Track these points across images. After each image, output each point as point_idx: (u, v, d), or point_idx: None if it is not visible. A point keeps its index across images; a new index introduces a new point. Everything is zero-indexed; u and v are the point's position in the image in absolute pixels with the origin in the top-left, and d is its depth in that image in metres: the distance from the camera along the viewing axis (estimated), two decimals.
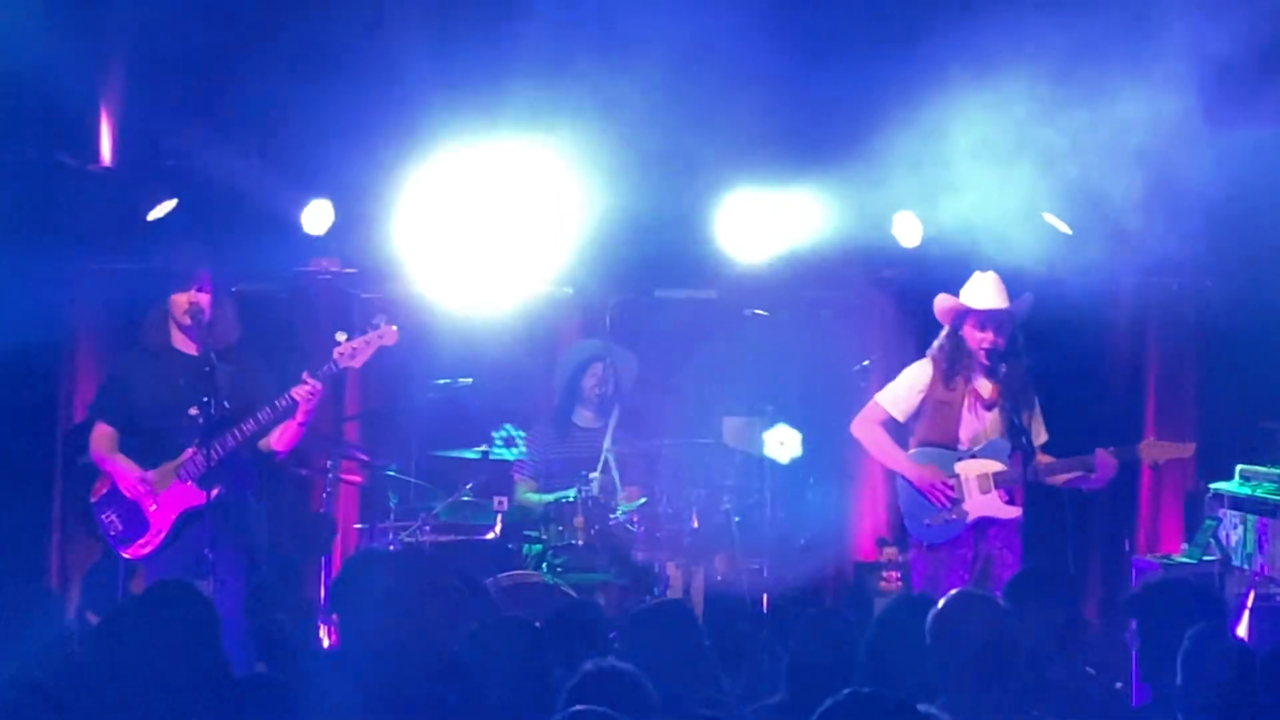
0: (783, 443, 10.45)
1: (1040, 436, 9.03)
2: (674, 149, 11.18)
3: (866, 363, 9.74)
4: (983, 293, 8.97)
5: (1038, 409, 9.05)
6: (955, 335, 8.98)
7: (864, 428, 9.12)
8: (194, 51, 10.61)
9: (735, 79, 11.07)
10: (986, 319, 8.90)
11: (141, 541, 8.18)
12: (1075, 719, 5.36)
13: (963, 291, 9.05)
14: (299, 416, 8.13)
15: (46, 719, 4.77)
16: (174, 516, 8.12)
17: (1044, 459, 8.94)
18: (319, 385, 8.07)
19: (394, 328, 8.33)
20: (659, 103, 11.10)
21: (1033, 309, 9.09)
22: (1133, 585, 9.93)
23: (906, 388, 9.09)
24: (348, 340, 8.23)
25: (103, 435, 8.36)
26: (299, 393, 8.02)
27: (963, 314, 8.95)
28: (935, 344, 9.08)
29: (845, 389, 11.04)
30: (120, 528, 8.22)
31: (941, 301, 9.05)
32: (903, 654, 5.24)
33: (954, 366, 8.94)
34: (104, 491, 8.29)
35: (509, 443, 10.07)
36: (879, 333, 11.51)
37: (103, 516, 8.27)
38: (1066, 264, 11.05)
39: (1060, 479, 8.96)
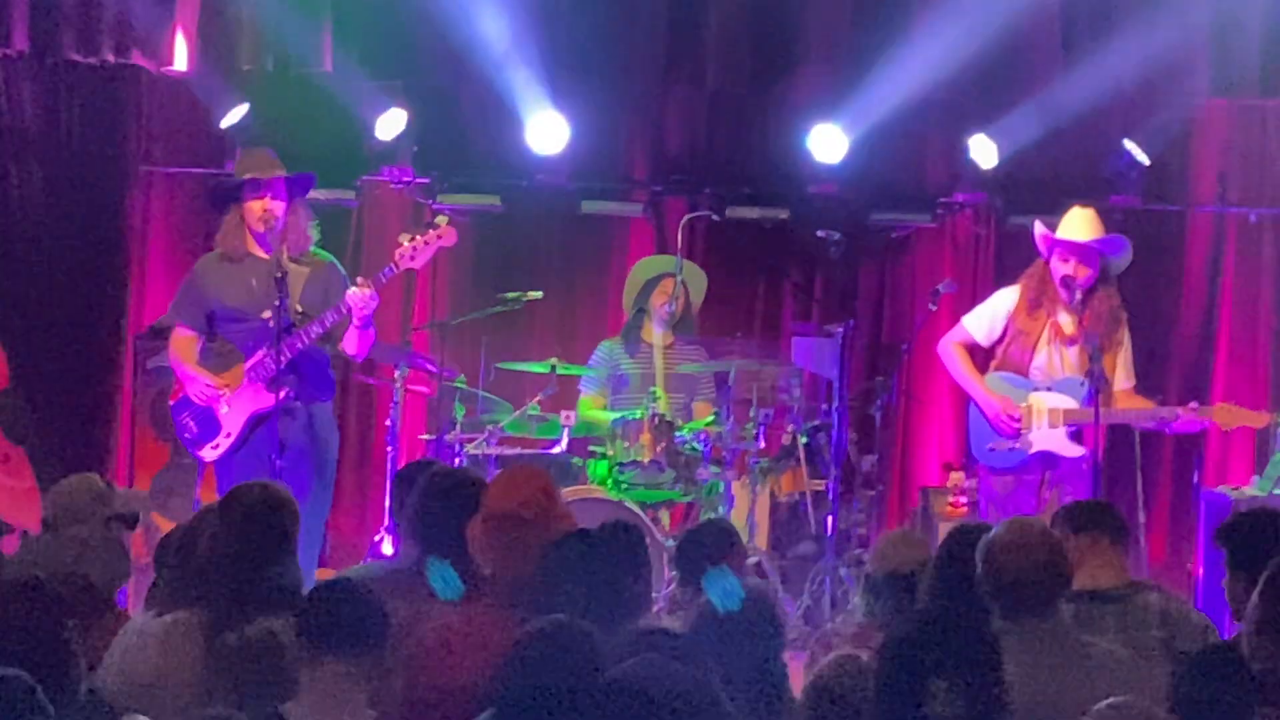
0: None
1: (1123, 381, 8.90)
2: (751, 67, 11.14)
3: (940, 287, 9.65)
4: (1070, 225, 8.85)
5: (1124, 352, 8.90)
6: (1045, 264, 8.87)
7: (945, 348, 9.08)
8: None
9: None
10: (1069, 251, 8.78)
11: (213, 444, 8.22)
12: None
13: (1060, 224, 8.92)
14: (356, 321, 8.07)
15: None
16: (244, 419, 8.15)
17: (1120, 405, 8.83)
18: (374, 293, 8.01)
19: (453, 228, 8.26)
20: (736, 21, 11.08)
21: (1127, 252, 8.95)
22: (1200, 517, 9.89)
23: (991, 312, 9.01)
24: (409, 241, 8.18)
25: (180, 339, 8.38)
26: (352, 297, 7.98)
27: (1051, 244, 8.83)
28: (1028, 270, 8.99)
29: (915, 313, 11.00)
30: (195, 430, 8.26)
31: (1036, 228, 8.94)
32: (964, 580, 5.19)
33: (1039, 296, 8.84)
34: (181, 395, 8.34)
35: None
36: (951, 257, 11.45)
37: (179, 419, 8.32)
38: (1142, 192, 10.98)
39: (1132, 421, 8.86)
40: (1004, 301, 9.01)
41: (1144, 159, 10.86)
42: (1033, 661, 4.79)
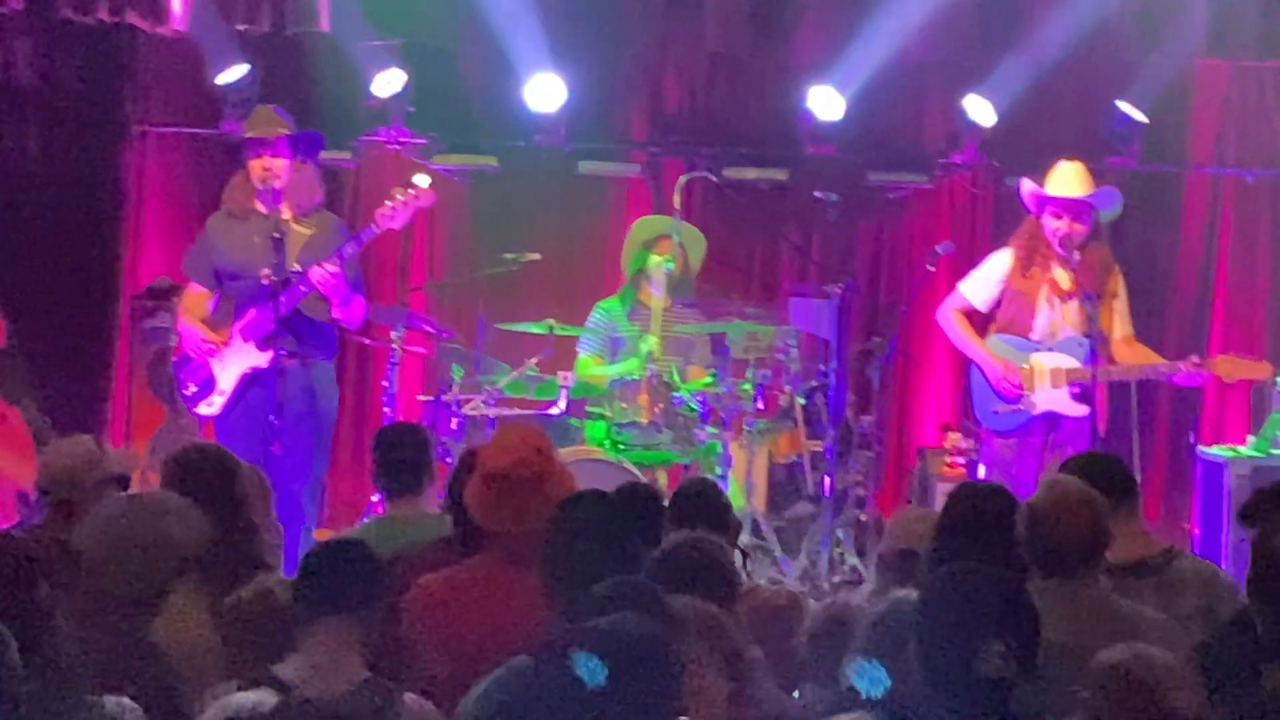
0: None
1: (1120, 330, 8.89)
2: (750, 27, 11.12)
3: (938, 249, 9.64)
4: (1060, 180, 8.82)
5: (1121, 300, 8.88)
6: (1035, 223, 8.85)
7: (944, 315, 9.07)
8: None
9: None
10: (1063, 208, 8.76)
11: (208, 400, 8.28)
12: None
13: (1047, 179, 8.89)
14: (326, 298, 8.13)
15: None
16: (237, 377, 8.19)
17: (1120, 356, 8.82)
18: (336, 270, 8.03)
19: (432, 189, 8.30)
20: None
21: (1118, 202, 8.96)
22: (1196, 476, 9.92)
23: (986, 275, 8.99)
24: (391, 202, 8.23)
25: (191, 295, 8.47)
26: (314, 274, 8.00)
27: (1042, 201, 8.81)
28: (1017, 231, 8.97)
29: (913, 274, 10.99)
30: (195, 387, 8.33)
31: (1024, 187, 8.92)
32: (972, 536, 5.17)
33: (1032, 255, 8.81)
34: (182, 351, 8.41)
35: None
36: (949, 218, 11.44)
37: (181, 376, 8.39)
38: (1139, 153, 10.97)
39: (1134, 378, 8.86)
40: (998, 265, 8.99)
41: (1141, 118, 10.84)
42: (1074, 622, 4.77)
